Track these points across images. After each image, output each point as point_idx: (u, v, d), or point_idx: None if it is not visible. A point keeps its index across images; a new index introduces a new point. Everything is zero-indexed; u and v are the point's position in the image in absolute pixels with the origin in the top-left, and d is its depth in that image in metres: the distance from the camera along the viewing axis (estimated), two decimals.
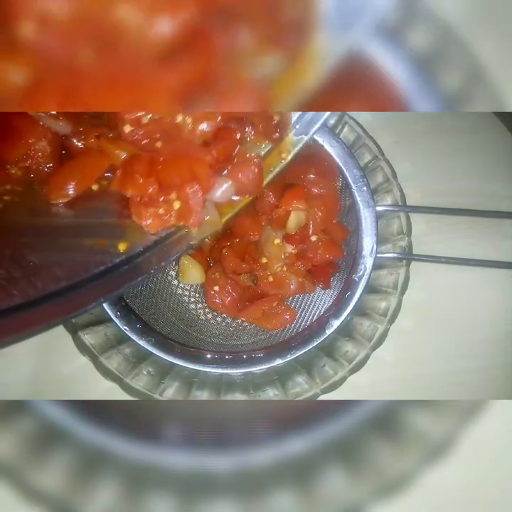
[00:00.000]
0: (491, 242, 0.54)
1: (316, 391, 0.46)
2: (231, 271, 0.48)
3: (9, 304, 0.31)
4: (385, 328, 0.47)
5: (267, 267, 0.48)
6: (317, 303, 0.50)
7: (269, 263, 0.48)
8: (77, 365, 0.49)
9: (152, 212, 0.35)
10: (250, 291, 0.50)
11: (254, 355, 0.47)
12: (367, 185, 0.46)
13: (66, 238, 0.35)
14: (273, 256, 0.48)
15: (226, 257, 0.48)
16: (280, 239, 0.48)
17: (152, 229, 0.35)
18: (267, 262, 0.48)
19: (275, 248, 0.48)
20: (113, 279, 0.34)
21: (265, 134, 0.37)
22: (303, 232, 0.48)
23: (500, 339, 0.53)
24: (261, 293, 0.49)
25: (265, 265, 0.48)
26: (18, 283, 0.32)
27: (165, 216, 0.35)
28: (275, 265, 0.48)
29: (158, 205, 0.35)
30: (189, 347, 0.47)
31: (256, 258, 0.48)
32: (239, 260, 0.48)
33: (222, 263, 0.48)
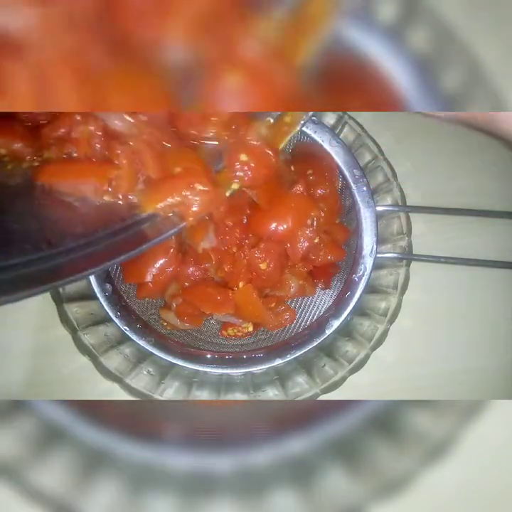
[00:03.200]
0: (490, 242, 0.54)
1: (316, 391, 0.46)
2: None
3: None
4: (385, 328, 0.47)
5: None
6: (317, 303, 0.50)
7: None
8: (77, 365, 0.49)
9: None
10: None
11: (254, 355, 0.47)
12: (367, 185, 0.46)
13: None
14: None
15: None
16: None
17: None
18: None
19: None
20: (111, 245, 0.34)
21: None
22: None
23: (500, 339, 0.53)
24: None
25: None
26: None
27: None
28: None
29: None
30: (189, 347, 0.47)
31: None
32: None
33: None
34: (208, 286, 0.45)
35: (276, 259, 0.44)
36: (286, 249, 0.44)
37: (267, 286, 0.46)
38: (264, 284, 0.45)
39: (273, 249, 0.44)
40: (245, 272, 0.44)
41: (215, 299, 0.44)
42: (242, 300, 0.44)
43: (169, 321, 0.48)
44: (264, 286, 0.46)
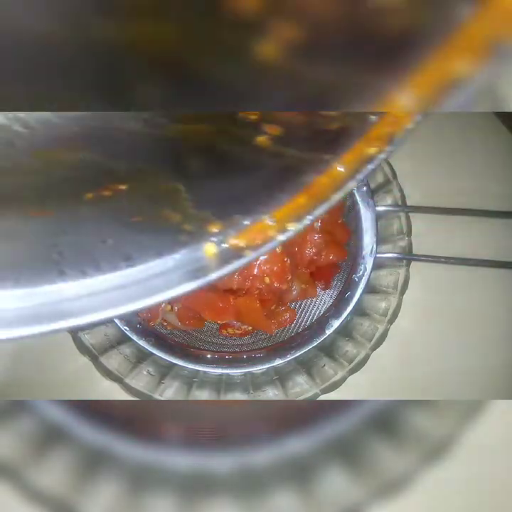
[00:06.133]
0: (490, 242, 0.54)
1: (316, 391, 0.46)
2: None
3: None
4: (385, 328, 0.47)
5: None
6: (317, 303, 0.50)
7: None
8: (77, 365, 0.49)
9: None
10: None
11: (254, 355, 0.47)
12: (367, 185, 0.46)
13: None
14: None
15: None
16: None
17: None
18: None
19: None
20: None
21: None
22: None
23: (500, 339, 0.53)
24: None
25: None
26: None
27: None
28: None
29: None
30: (189, 347, 0.47)
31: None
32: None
33: None
34: (209, 289, 0.45)
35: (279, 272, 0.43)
36: (293, 253, 0.44)
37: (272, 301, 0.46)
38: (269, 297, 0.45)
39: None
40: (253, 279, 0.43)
41: (216, 305, 0.44)
42: (245, 307, 0.44)
43: (170, 321, 0.48)
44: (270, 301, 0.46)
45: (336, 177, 0.21)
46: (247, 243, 0.21)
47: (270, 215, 0.21)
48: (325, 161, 0.21)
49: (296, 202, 0.21)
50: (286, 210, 0.21)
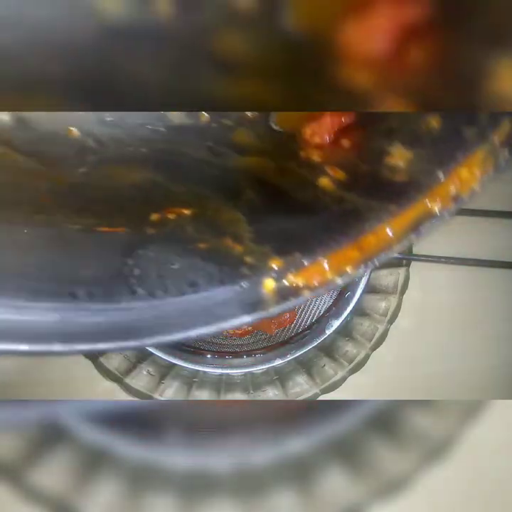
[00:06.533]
0: (490, 242, 0.54)
1: (316, 391, 0.46)
2: None
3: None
4: (385, 328, 0.47)
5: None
6: (317, 303, 0.50)
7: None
8: (77, 365, 0.49)
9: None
10: None
11: (254, 355, 0.47)
12: None
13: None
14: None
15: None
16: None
17: None
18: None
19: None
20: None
21: None
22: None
23: (500, 339, 0.53)
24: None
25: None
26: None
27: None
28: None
29: None
30: (189, 347, 0.47)
31: None
32: None
33: None
34: None
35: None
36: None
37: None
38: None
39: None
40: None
41: None
42: None
43: None
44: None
45: (397, 229, 0.21)
46: (305, 282, 0.20)
47: (328, 258, 0.21)
48: (388, 211, 0.21)
49: (358, 246, 0.21)
50: (346, 253, 0.21)
